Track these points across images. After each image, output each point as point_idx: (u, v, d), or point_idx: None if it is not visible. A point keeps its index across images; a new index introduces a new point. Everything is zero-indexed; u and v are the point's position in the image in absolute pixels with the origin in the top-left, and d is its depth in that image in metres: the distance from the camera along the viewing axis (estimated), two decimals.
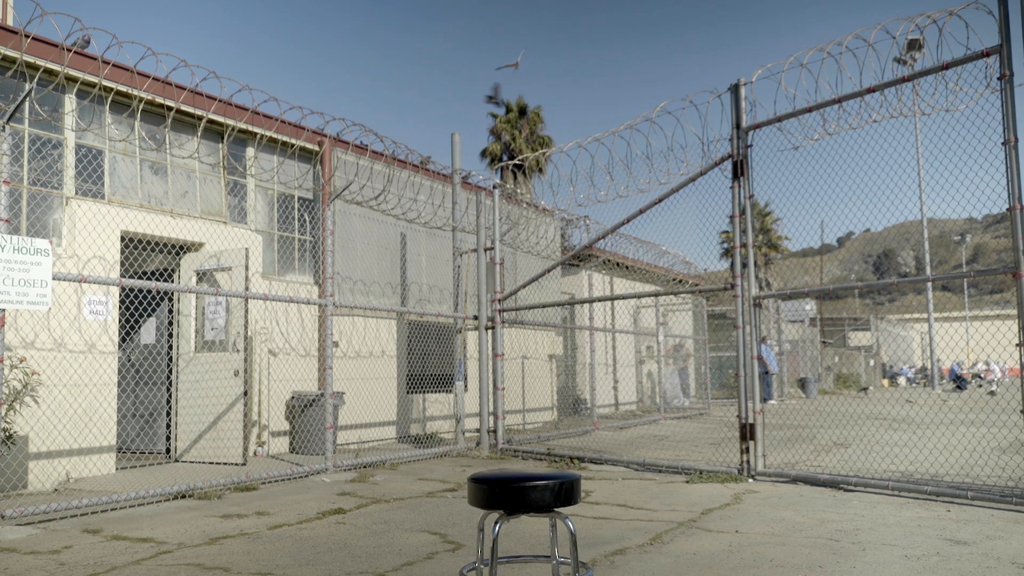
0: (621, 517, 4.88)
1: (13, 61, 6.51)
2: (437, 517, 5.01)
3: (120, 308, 7.77)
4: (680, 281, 16.94)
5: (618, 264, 14.09)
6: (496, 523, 2.57)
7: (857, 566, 3.57)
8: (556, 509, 2.56)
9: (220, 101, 7.99)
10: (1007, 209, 4.89)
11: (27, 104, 6.72)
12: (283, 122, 8.64)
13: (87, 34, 6.70)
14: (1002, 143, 4.93)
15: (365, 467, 7.49)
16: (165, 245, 8.25)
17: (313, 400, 8.57)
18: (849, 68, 5.93)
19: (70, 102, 7.21)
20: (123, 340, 8.56)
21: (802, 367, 24.09)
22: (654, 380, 16.60)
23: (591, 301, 9.18)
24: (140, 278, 8.83)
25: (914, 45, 11.23)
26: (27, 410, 6.23)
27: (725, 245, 29.85)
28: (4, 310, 4.79)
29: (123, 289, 7.74)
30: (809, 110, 6.19)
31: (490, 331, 9.24)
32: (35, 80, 6.20)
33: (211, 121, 8.09)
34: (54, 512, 5.09)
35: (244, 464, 7.56)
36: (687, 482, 6.27)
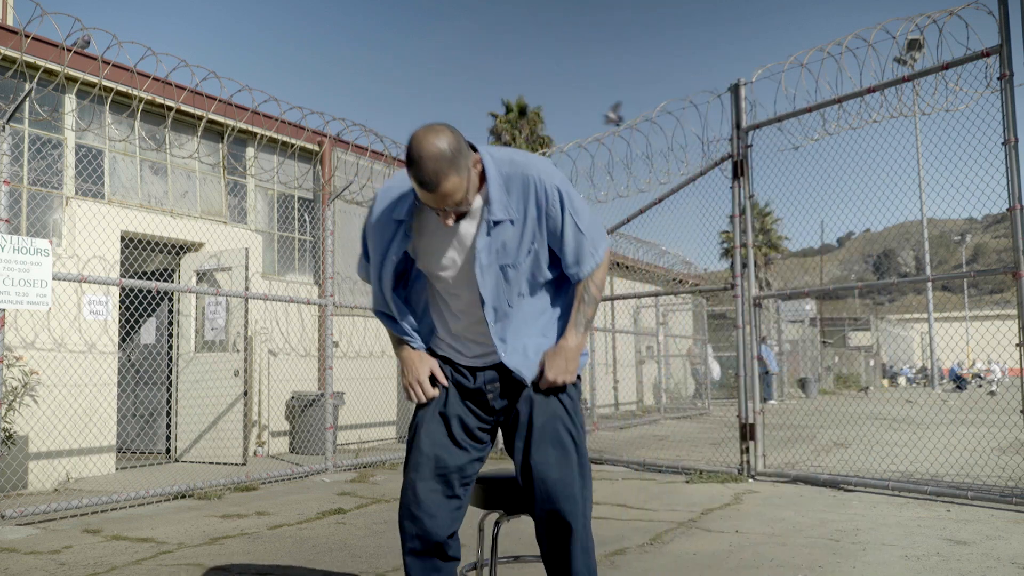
0: (621, 517, 4.88)
1: (13, 61, 6.51)
2: None
3: (120, 308, 7.77)
4: (680, 281, 16.91)
5: (618, 264, 14.08)
6: (496, 523, 2.57)
7: (857, 566, 3.57)
8: None
9: (220, 101, 7.98)
10: (1007, 209, 4.88)
11: (27, 104, 6.72)
12: (283, 122, 8.64)
13: (87, 34, 6.70)
14: (1002, 143, 4.93)
15: (365, 467, 7.49)
16: (165, 245, 8.25)
17: (313, 400, 8.57)
18: (849, 68, 5.93)
19: (70, 102, 7.21)
20: (123, 340, 8.55)
21: (802, 367, 24.08)
22: (659, 379, 16.58)
23: None
24: (140, 278, 8.83)
25: (914, 45, 11.22)
26: (27, 410, 6.23)
27: (725, 245, 29.79)
28: (4, 310, 4.80)
29: (123, 289, 7.74)
30: (809, 110, 6.19)
31: None
32: (35, 80, 6.19)
33: (211, 121, 8.08)
34: (54, 512, 5.09)
35: (244, 464, 7.56)
36: (687, 482, 6.27)
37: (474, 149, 2.09)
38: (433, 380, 2.31)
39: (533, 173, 2.12)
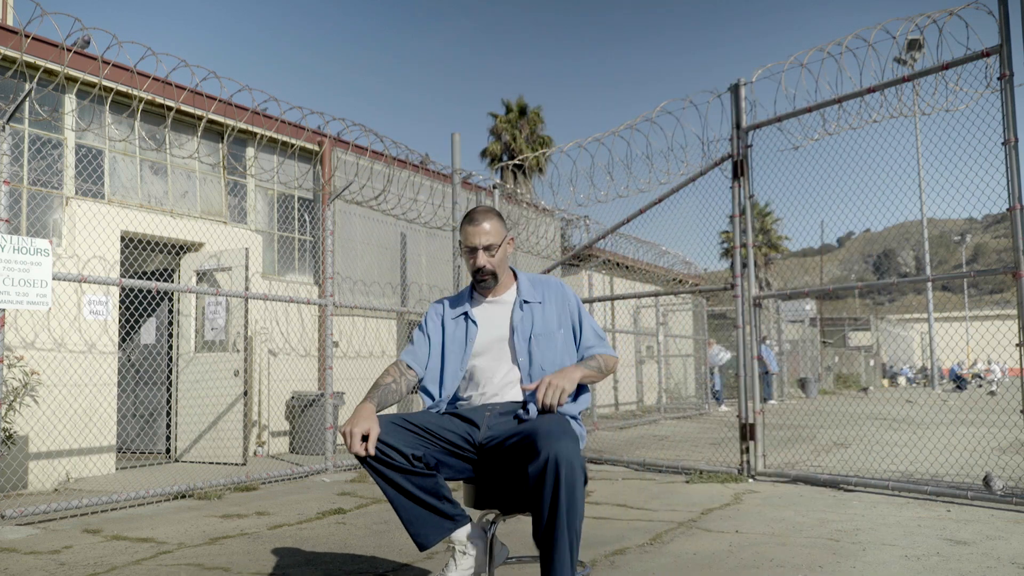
0: (621, 517, 4.88)
1: (13, 61, 6.51)
2: None
3: (120, 308, 7.77)
4: (680, 281, 16.92)
5: (618, 264, 14.08)
6: (492, 523, 2.57)
7: (857, 566, 3.57)
8: None
9: (220, 101, 7.98)
10: (1007, 209, 4.88)
11: (27, 104, 6.72)
12: (283, 122, 8.64)
13: (87, 34, 6.69)
14: (1002, 143, 4.92)
15: None
16: (165, 245, 8.25)
17: (313, 400, 8.57)
18: (849, 68, 5.93)
19: (70, 102, 7.21)
20: (123, 340, 8.56)
21: (802, 367, 24.08)
22: (660, 378, 16.57)
23: (591, 301, 9.17)
24: (140, 278, 8.83)
25: (914, 45, 11.21)
26: (27, 410, 6.23)
27: (725, 245, 29.80)
28: (4, 310, 4.80)
29: (123, 289, 7.74)
30: (809, 110, 6.19)
31: None
32: (35, 80, 6.19)
33: (211, 121, 8.08)
34: (54, 512, 5.09)
35: (244, 464, 7.56)
36: (687, 482, 6.27)
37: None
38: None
39: (554, 281, 2.89)
